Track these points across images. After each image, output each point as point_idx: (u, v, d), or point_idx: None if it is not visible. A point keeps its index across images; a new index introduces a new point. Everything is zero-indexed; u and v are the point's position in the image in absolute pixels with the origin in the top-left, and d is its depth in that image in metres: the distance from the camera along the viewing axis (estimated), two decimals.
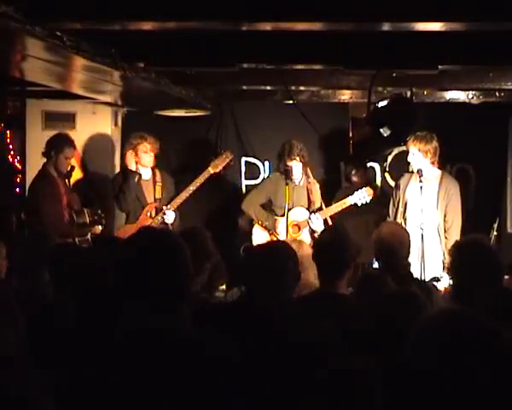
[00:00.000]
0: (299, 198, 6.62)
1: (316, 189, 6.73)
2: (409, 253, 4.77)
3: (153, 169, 6.82)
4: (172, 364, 2.00)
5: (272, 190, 6.73)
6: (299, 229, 6.56)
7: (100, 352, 2.14)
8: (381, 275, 4.01)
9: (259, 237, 6.63)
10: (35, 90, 6.83)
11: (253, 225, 6.73)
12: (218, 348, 2.07)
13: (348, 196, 6.65)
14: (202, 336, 2.10)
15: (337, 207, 6.61)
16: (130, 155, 6.72)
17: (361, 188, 6.64)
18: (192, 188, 6.62)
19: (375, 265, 5.38)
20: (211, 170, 6.62)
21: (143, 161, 6.68)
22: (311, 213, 6.53)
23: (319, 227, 6.43)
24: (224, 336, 2.15)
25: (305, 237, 6.42)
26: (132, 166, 6.71)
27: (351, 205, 6.58)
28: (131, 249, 2.20)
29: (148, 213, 6.66)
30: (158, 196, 6.77)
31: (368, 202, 6.61)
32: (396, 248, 4.66)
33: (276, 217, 6.61)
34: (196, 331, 2.14)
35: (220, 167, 6.65)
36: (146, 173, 6.79)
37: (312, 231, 6.49)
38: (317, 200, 6.69)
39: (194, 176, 6.91)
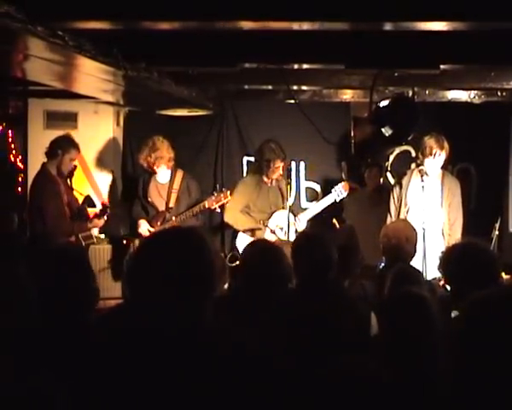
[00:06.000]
0: (275, 199, 6.64)
1: (284, 185, 6.63)
2: (415, 251, 4.75)
3: (173, 172, 6.74)
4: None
5: (250, 195, 6.64)
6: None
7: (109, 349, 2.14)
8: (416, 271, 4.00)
9: (244, 242, 6.53)
10: (37, 90, 6.83)
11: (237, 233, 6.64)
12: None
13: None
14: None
15: (317, 207, 6.66)
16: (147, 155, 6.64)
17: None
18: (187, 215, 6.57)
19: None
20: (206, 204, 6.55)
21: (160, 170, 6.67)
22: (295, 216, 6.52)
23: (303, 228, 6.47)
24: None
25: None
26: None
27: (332, 203, 6.62)
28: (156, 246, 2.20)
29: (159, 222, 6.63)
30: (172, 204, 6.69)
31: (345, 196, 6.63)
32: (402, 245, 4.64)
33: (261, 221, 6.56)
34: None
35: (216, 205, 6.56)
36: (163, 177, 6.74)
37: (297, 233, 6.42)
38: (288, 196, 6.61)
39: (195, 177, 6.99)
